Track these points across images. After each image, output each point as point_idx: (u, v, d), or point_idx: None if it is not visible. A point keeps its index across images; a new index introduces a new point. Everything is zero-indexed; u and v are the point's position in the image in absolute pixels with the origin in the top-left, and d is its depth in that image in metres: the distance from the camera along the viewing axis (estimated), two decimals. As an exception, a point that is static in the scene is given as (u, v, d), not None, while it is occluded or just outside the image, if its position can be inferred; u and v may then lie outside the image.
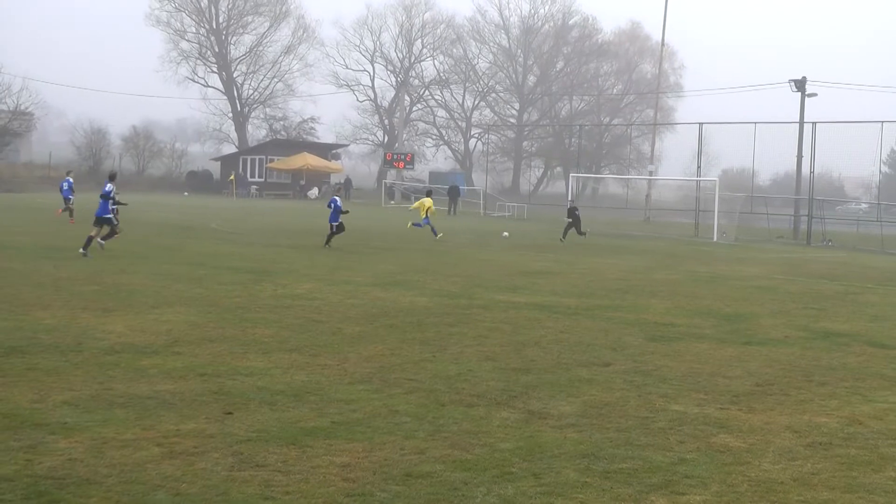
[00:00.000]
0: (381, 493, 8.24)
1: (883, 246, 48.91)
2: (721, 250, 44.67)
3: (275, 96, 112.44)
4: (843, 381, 13.81)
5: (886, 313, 22.03)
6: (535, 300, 21.51)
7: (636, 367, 14.26)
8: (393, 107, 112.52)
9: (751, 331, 18.32)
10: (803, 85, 58.57)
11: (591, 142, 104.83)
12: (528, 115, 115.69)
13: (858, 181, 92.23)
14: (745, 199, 59.73)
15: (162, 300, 18.99)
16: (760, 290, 25.75)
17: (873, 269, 35.88)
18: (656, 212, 72.25)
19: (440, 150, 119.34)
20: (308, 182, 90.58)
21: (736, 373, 14.12)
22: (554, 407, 11.50)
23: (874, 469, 9.52)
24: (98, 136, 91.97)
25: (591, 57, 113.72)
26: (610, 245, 44.28)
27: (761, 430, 10.84)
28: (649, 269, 31.52)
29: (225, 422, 10.25)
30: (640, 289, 24.91)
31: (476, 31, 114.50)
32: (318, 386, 12.11)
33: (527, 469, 9.03)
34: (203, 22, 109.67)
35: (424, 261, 30.53)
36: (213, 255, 28.96)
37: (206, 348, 14.25)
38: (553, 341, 16.14)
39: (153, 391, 11.47)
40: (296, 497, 8.08)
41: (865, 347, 16.93)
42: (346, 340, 15.43)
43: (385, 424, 10.42)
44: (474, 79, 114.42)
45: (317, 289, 21.78)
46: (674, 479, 8.90)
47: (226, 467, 8.76)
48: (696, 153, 61.73)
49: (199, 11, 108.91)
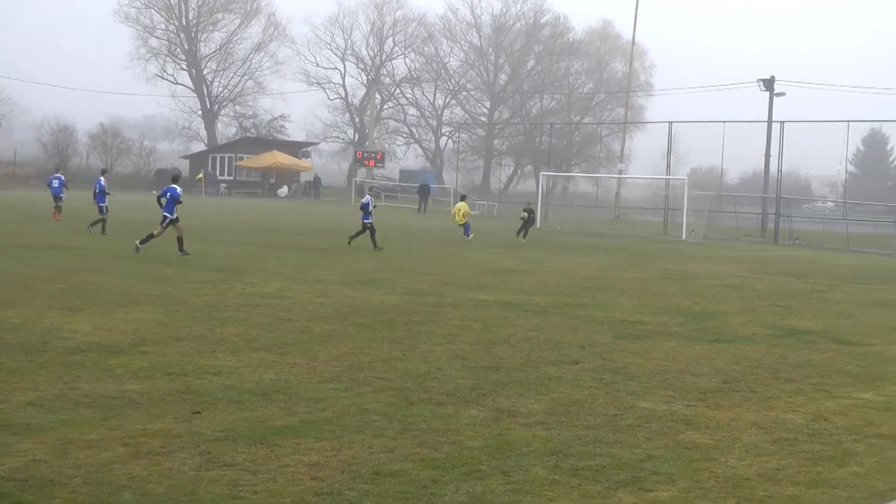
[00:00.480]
0: (349, 492, 8.22)
1: (849, 244, 49.29)
2: (689, 248, 44.88)
3: (245, 94, 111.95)
4: (809, 378, 13.91)
5: (852, 311, 22.21)
6: (504, 298, 21.54)
7: (605, 364, 14.31)
8: (364, 105, 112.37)
9: (718, 328, 18.42)
10: (771, 84, 58.95)
11: (562, 140, 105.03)
12: (499, 114, 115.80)
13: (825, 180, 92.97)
14: (714, 198, 60.04)
15: (129, 299, 18.88)
16: (728, 288, 25.90)
17: (839, 267, 36.15)
18: (626, 210, 72.50)
19: (411, 149, 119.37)
20: (278, 180, 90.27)
21: (703, 370, 14.19)
22: (523, 405, 11.52)
23: (838, 464, 9.60)
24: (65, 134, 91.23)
25: (562, 55, 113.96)
26: (579, 243, 44.41)
27: (728, 426, 10.91)
28: (618, 267, 31.63)
29: (192, 421, 10.21)
30: (609, 287, 25.00)
31: (447, 30, 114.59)
32: (286, 385, 12.08)
33: (496, 467, 9.04)
34: (172, 18, 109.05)
35: (395, 259, 30.52)
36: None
37: (174, 347, 14.17)
38: (522, 339, 16.17)
39: (119, 391, 11.40)
40: (264, 496, 8.06)
41: (831, 344, 17.06)
42: (316, 339, 15.40)
43: (354, 423, 10.41)
44: (445, 77, 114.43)
45: (286, 287, 21.72)
46: (642, 476, 8.94)
47: (193, 467, 8.72)
48: (666, 152, 62.03)
49: (168, 8, 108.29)
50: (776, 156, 56.69)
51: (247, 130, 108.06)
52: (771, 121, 57.95)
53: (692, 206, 56.76)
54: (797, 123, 56.42)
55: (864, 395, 12.91)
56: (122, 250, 28.80)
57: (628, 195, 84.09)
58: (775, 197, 56.90)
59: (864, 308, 22.89)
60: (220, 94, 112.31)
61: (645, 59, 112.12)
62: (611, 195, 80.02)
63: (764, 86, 59.13)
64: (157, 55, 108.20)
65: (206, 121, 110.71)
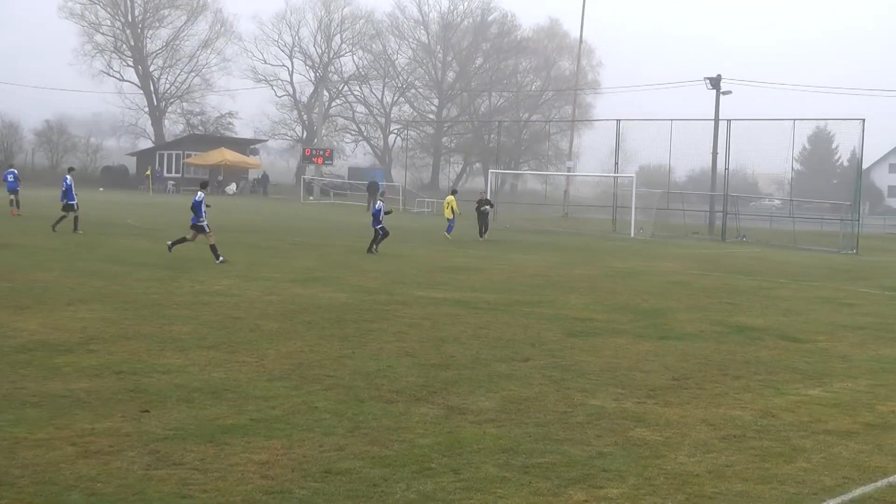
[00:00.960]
0: (299, 491, 8.19)
1: (795, 242, 49.83)
2: (638, 246, 45.16)
3: (192, 91, 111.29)
4: (757, 375, 14.04)
5: (799, 308, 22.44)
6: (454, 296, 21.55)
7: (555, 362, 14.36)
8: (312, 102, 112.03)
9: (667, 326, 18.54)
10: (718, 83, 59.45)
11: (510, 138, 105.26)
12: (448, 111, 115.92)
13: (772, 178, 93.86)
14: (662, 196, 60.46)
15: (77, 297, 18.68)
16: (676, 286, 26.09)
17: (786, 265, 36.54)
18: (574, 208, 72.74)
19: (359, 146, 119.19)
20: (226, 178, 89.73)
21: (653, 367, 14.28)
22: (473, 402, 11.54)
23: (786, 460, 9.69)
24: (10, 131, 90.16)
25: (510, 53, 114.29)
26: (529, 241, 44.54)
27: (677, 423, 10.98)
28: (568, 264, 31.76)
29: (141, 420, 10.12)
30: (558, 284, 25.09)
31: (395, 27, 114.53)
32: (236, 383, 12.01)
33: (446, 465, 9.04)
34: (118, 15, 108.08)
35: (344, 257, 30.45)
36: (129, 252, 28.58)
37: (123, 346, 14.05)
38: (472, 337, 16.19)
39: (67, 389, 11.28)
40: (213, 495, 8.01)
41: (778, 341, 17.23)
42: (265, 337, 15.32)
43: (304, 421, 10.37)
44: (393, 74, 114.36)
45: (235, 285, 21.60)
46: (592, 473, 8.98)
47: (142, 466, 8.65)
48: (614, 150, 62.30)
49: (114, 4, 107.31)
50: (723, 154, 57.24)
51: (194, 128, 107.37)
52: (718, 119, 58.44)
53: (640, 203, 57.13)
54: (744, 121, 56.98)
55: (811, 392, 13.05)
56: (69, 248, 28.51)
57: (577, 193, 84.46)
58: (723, 195, 57.38)
59: (811, 305, 23.15)
60: (167, 90, 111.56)
61: (592, 57, 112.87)
62: (560, 193, 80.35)
63: (711, 84, 59.62)
64: (103, 52, 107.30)
65: (154, 118, 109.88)
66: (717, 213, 58.56)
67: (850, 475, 9.31)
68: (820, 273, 33.20)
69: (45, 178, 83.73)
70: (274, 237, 37.10)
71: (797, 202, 63.13)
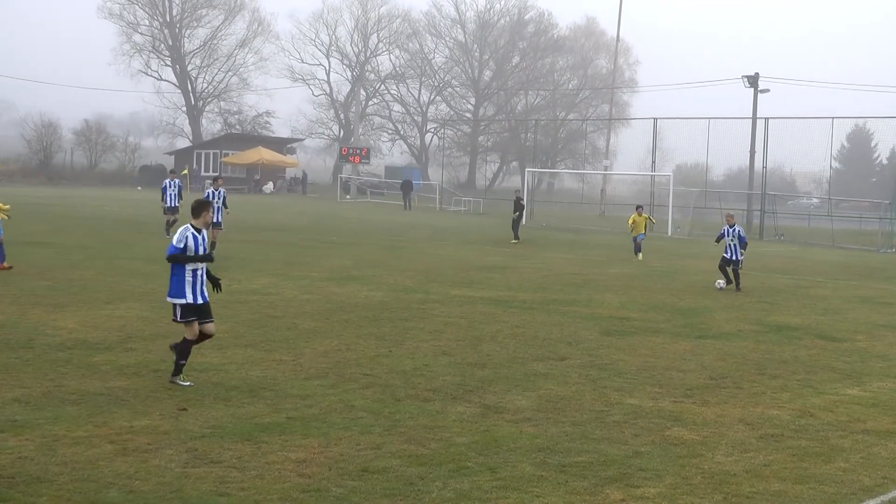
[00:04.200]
0: (336, 489, 8.21)
1: (833, 240, 49.41)
2: (675, 245, 44.94)
3: (229, 90, 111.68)
4: (795, 374, 13.95)
5: (836, 307, 22.27)
6: (490, 295, 21.54)
7: (591, 361, 14.33)
8: (348, 101, 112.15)
9: (704, 325, 18.45)
10: (756, 80, 59.00)
11: (547, 137, 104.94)
12: (484, 110, 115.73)
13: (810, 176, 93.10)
14: (699, 194, 60.08)
15: (115, 295, 18.82)
16: (713, 285, 25.91)
17: (824, 264, 36.25)
18: (611, 206, 72.43)
19: (396, 145, 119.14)
20: (263, 176, 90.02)
21: (690, 366, 14.22)
22: (510, 401, 11.53)
23: (824, 460, 9.63)
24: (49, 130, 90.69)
25: (547, 52, 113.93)
26: (565, 240, 44.43)
27: (715, 422, 10.93)
28: (604, 263, 31.66)
29: (179, 418, 10.19)
30: (595, 283, 25.02)
31: (432, 26, 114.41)
32: (273, 381, 12.06)
33: (483, 463, 9.04)
34: (156, 15, 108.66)
35: (380, 256, 30.49)
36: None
37: (160, 344, 14.13)
38: (509, 336, 16.17)
39: (105, 388, 11.38)
40: (251, 493, 8.05)
41: (816, 340, 17.11)
42: (302, 336, 15.38)
43: (341, 420, 10.40)
44: (430, 73, 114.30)
45: (272, 284, 21.68)
46: (629, 472, 8.96)
47: (180, 464, 8.70)
48: (651, 148, 62.04)
49: (152, 4, 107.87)
50: (761, 152, 56.83)
51: (232, 127, 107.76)
52: (755, 117, 58.02)
53: (677, 202, 56.83)
54: (782, 120, 56.61)
55: (849, 391, 12.96)
56: (106, 247, 28.72)
57: (613, 191, 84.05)
58: (760, 193, 57.00)
59: (849, 304, 22.96)
60: (205, 90, 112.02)
61: (629, 55, 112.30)
62: (596, 192, 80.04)
63: (748, 82, 59.17)
64: (142, 51, 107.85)
65: (191, 117, 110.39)
66: (754, 212, 58.14)
67: (890, 475, 9.23)
68: (858, 272, 32.92)
69: (83, 178, 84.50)
70: (311, 236, 37.20)
71: (835, 201, 62.61)
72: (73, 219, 35.52)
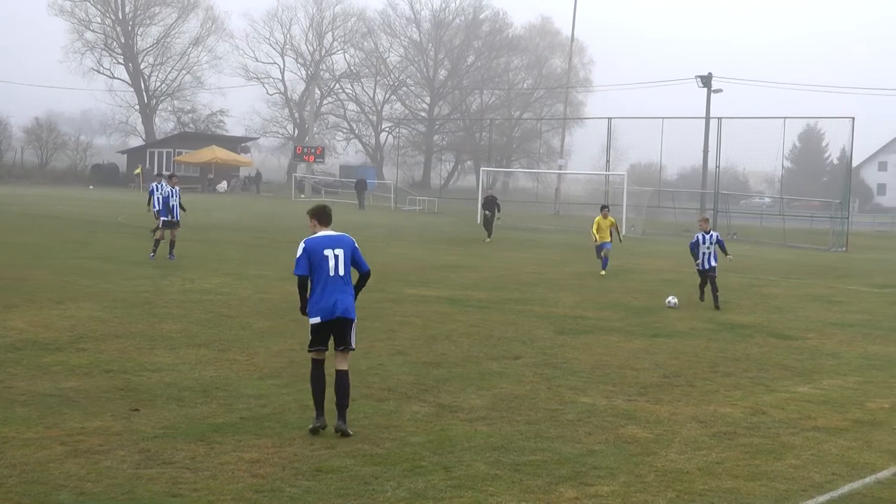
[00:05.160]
0: (290, 489, 8.18)
1: (785, 239, 49.87)
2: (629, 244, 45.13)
3: (183, 88, 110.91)
4: (747, 372, 14.07)
5: (788, 305, 22.48)
6: (445, 294, 21.54)
7: (546, 359, 14.37)
8: (303, 100, 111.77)
9: (658, 323, 18.56)
10: (709, 81, 59.53)
11: (502, 136, 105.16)
12: (439, 109, 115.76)
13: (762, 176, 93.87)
14: (653, 194, 60.47)
15: (66, 295, 18.63)
16: (667, 283, 26.11)
17: (776, 262, 36.58)
18: (566, 206, 72.70)
19: (351, 144, 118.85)
20: (217, 175, 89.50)
21: (644, 365, 14.30)
22: (464, 400, 11.54)
23: (776, 457, 9.71)
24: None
25: (502, 51, 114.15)
26: (520, 239, 44.53)
27: (668, 420, 10.99)
28: (559, 262, 31.77)
29: (131, 419, 10.10)
30: (550, 282, 25.10)
31: (387, 25, 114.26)
32: (226, 381, 12.00)
33: (437, 462, 9.04)
34: (109, 12, 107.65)
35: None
36: (119, 250, 28.50)
37: (112, 344, 14.02)
38: (464, 335, 16.18)
39: (57, 388, 11.26)
40: (204, 494, 7.99)
41: (768, 339, 17.26)
42: (256, 335, 15.31)
43: (295, 419, 10.36)
44: (385, 72, 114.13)
45: (226, 283, 21.56)
46: (583, 471, 8.99)
47: (132, 465, 8.63)
48: (605, 147, 62.32)
49: (104, 1, 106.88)
50: (714, 152, 57.30)
51: (185, 125, 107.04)
52: (709, 117, 58.53)
53: (631, 201, 57.11)
54: (735, 120, 57.06)
55: (800, 389, 13.08)
56: (59, 247, 28.44)
57: (568, 191, 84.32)
58: (713, 192, 57.44)
59: (801, 303, 23.19)
60: (158, 88, 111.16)
61: (584, 55, 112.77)
62: (551, 191, 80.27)
63: (702, 82, 59.69)
64: (94, 49, 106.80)
65: (144, 115, 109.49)
66: (707, 211, 58.56)
67: (839, 471, 9.33)
68: (810, 271, 33.25)
69: (34, 177, 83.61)
70: (265, 235, 37.04)
71: (787, 200, 63.19)
72: (24, 217, 35.12)
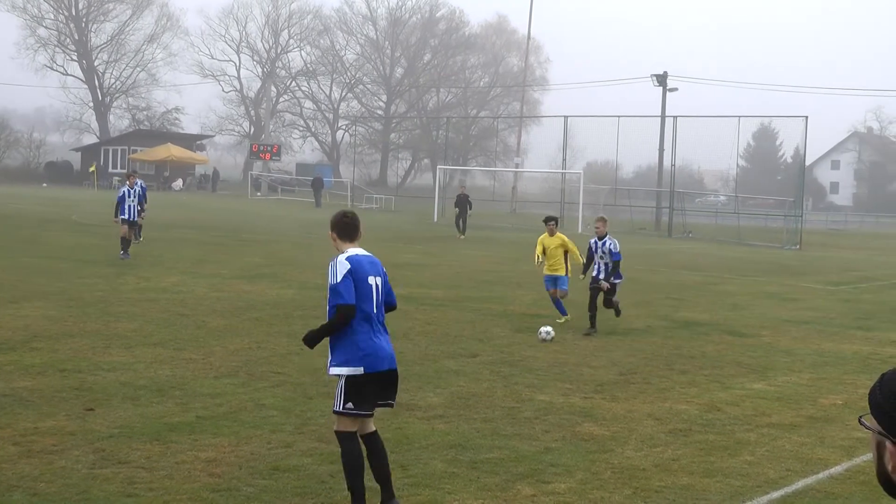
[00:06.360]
0: (247, 488, 8.15)
1: (740, 237, 50.27)
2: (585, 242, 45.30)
3: (137, 86, 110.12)
4: (703, 370, 14.17)
5: (743, 303, 22.66)
6: (402, 292, 21.43)
7: (503, 357, 14.40)
8: (259, 98, 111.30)
9: (614, 321, 18.63)
10: (664, 79, 59.83)
11: (459, 134, 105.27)
12: (396, 107, 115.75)
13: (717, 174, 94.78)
14: (609, 192, 60.83)
15: (20, 294, 18.44)
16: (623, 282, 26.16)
17: (731, 260, 36.88)
18: (522, 203, 72.89)
19: (307, 142, 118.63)
20: (172, 173, 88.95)
21: (600, 362, 14.36)
22: (421, 398, 11.54)
23: (731, 454, 9.79)
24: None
25: (459, 50, 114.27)
26: (477, 237, 44.58)
27: (624, 418, 11.05)
28: (516, 260, 31.82)
29: (86, 418, 10.02)
30: (507, 280, 25.15)
31: (343, 23, 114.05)
32: (182, 380, 11.93)
33: (395, 461, 9.02)
34: (62, 8, 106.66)
35: (291, 253, 30.32)
36: (74, 248, 28.26)
37: (66, 343, 13.90)
38: (420, 333, 16.19)
39: (9, 388, 11.14)
40: (159, 493, 7.95)
41: (724, 336, 17.39)
42: (212, 334, 15.23)
43: (251, 418, 10.32)
44: (342, 70, 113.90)
45: (182, 282, 21.43)
46: (540, 468, 9.01)
47: (87, 465, 8.56)
48: (562, 146, 62.51)
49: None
50: (669, 150, 57.64)
51: (140, 123, 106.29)
52: (664, 115, 58.83)
53: (588, 199, 57.36)
54: (690, 118, 57.46)
55: (755, 386, 13.20)
56: (11, 245, 28.14)
57: (525, 189, 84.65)
58: (669, 191, 57.79)
59: (756, 300, 23.38)
60: (113, 85, 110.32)
61: (540, 53, 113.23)
62: (507, 189, 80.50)
63: (657, 81, 59.99)
64: (47, 45, 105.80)
65: (98, 113, 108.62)
66: (663, 210, 58.94)
67: (793, 467, 9.42)
68: (764, 268, 33.54)
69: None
70: (221, 233, 36.86)
71: (742, 198, 63.74)
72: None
